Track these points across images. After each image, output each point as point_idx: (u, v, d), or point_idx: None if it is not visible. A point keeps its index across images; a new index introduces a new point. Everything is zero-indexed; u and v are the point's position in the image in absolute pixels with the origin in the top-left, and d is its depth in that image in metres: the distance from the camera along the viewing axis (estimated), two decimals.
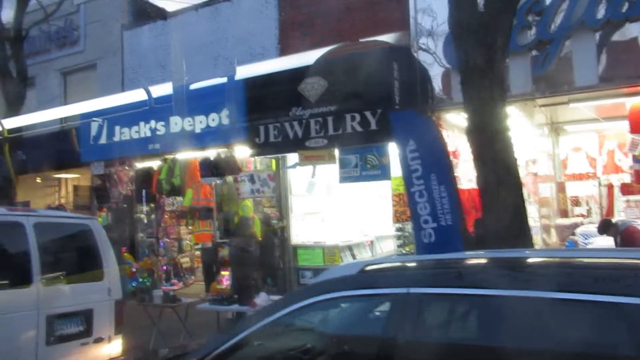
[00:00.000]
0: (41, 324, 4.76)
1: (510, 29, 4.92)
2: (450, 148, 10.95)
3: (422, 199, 6.00)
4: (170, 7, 14.55)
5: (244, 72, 11.22)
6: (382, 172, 9.28)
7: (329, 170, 10.30)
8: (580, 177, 12.70)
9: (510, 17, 4.92)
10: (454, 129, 11.06)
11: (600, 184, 12.43)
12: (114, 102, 11.55)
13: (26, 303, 4.68)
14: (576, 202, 12.81)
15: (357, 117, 9.40)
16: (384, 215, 12.57)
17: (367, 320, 2.64)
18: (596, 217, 11.91)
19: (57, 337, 4.89)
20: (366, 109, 9.32)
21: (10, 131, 10.53)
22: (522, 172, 8.12)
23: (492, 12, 4.68)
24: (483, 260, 2.85)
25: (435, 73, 10.33)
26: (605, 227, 8.27)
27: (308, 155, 9.62)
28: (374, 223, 12.64)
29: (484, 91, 4.64)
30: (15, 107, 10.45)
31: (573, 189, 12.82)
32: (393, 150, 9.54)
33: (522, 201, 4.74)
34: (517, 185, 4.71)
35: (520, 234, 4.59)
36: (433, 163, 6.13)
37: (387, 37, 10.83)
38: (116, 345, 5.43)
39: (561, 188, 12.65)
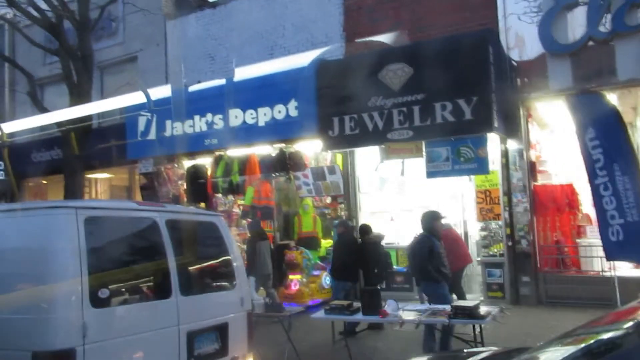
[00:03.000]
0: (182, 343, 3.95)
1: None
2: (533, 141, 10.24)
3: (607, 191, 5.23)
4: None
5: (305, 59, 10.48)
6: (479, 166, 8.43)
7: (411, 166, 9.50)
8: None
9: None
10: (539, 121, 10.29)
11: None
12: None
13: (167, 317, 3.87)
14: None
15: (449, 105, 8.58)
16: (450, 214, 11.85)
17: None
18: None
19: (196, 357, 4.08)
20: (459, 96, 8.50)
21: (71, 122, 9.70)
22: None
23: None
24: None
25: (526, 58, 9.57)
26: None
27: (395, 148, 8.79)
28: None
29: None
30: (83, 97, 9.54)
31: None
32: (491, 141, 8.77)
33: None
34: None
35: None
36: (615, 151, 5.35)
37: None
38: None
39: None
